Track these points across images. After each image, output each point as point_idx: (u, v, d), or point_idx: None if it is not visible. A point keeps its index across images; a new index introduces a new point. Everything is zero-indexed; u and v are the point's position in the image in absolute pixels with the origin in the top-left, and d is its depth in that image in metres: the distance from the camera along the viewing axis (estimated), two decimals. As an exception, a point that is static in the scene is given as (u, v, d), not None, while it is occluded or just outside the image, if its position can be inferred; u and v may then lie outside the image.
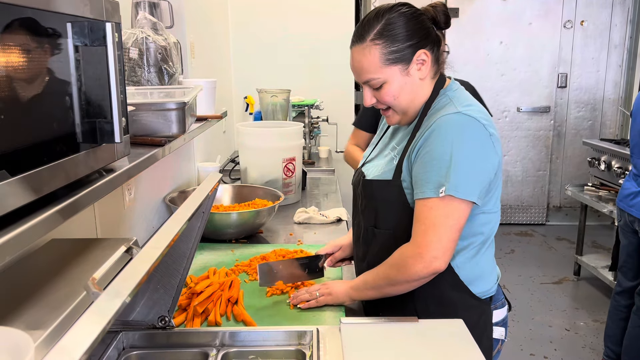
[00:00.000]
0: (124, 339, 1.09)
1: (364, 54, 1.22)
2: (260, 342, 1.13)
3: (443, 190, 1.15)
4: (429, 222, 1.17)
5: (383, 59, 1.21)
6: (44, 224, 0.70)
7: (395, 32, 1.21)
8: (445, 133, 1.17)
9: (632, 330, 2.68)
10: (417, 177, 1.20)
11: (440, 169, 1.16)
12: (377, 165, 1.35)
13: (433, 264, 1.17)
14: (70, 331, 0.47)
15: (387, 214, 1.30)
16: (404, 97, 1.25)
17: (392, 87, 1.24)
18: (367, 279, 1.30)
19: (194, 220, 1.00)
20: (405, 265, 1.19)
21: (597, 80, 5.04)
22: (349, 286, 1.34)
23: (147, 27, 1.73)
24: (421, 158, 1.20)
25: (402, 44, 1.21)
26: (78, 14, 0.82)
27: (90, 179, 0.89)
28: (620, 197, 2.75)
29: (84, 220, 1.36)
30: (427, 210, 1.17)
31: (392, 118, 1.31)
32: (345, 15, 3.71)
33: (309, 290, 1.39)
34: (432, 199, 1.16)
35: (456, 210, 1.16)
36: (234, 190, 2.21)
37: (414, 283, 1.21)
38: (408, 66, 1.23)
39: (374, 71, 1.22)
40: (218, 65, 3.21)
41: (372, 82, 1.24)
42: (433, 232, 1.16)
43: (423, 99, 1.28)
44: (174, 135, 1.34)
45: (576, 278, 4.00)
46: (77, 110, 0.84)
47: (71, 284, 0.89)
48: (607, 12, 4.91)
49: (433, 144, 1.18)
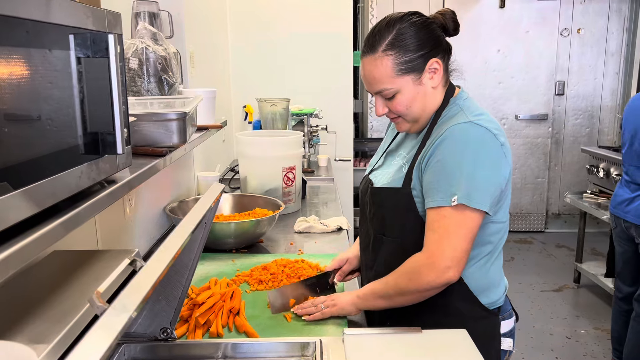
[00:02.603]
0: (125, 351, 1.08)
1: (375, 65, 1.23)
2: (262, 353, 1.12)
3: (455, 199, 1.14)
4: (442, 230, 1.15)
5: (395, 69, 1.22)
6: (46, 237, 0.70)
7: (407, 42, 1.21)
8: (457, 142, 1.17)
9: (633, 336, 2.68)
10: (428, 185, 1.19)
11: (452, 178, 1.15)
12: (385, 173, 1.35)
13: (446, 274, 1.15)
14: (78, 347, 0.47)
15: (395, 221, 1.29)
16: (416, 106, 1.26)
17: (405, 97, 1.24)
18: (375, 288, 1.27)
19: (196, 232, 0.99)
20: (417, 274, 1.17)
21: (594, 88, 5.07)
22: (355, 295, 1.31)
23: (147, 37, 1.73)
24: (432, 167, 1.19)
25: (414, 54, 1.22)
26: (80, 25, 0.82)
27: (92, 190, 0.89)
28: (614, 204, 2.77)
29: (85, 232, 1.35)
30: (440, 219, 1.16)
31: (402, 125, 1.31)
32: (343, 25, 3.73)
33: (314, 303, 1.36)
34: (444, 207, 1.15)
35: (469, 219, 1.15)
36: (234, 200, 2.21)
37: (426, 293, 1.19)
38: (420, 75, 1.23)
39: (387, 82, 1.23)
40: (217, 74, 3.21)
41: (385, 93, 1.25)
42: (447, 241, 1.15)
43: (435, 107, 1.28)
44: (175, 145, 1.33)
45: (576, 285, 4.00)
46: (80, 121, 0.84)
47: (74, 297, 0.88)
48: (603, 20, 4.94)
49: (444, 153, 1.17)
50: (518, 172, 5.16)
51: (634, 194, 2.63)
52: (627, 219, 2.67)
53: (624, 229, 2.72)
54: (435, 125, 1.26)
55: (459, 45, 1.33)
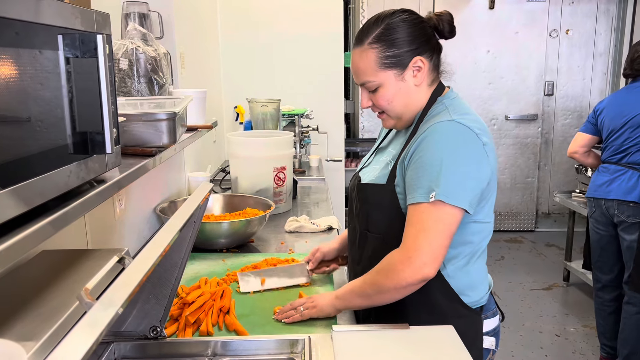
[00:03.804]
0: (115, 349, 1.09)
1: (361, 57, 1.25)
2: (252, 351, 1.13)
3: (433, 195, 1.14)
4: (420, 226, 1.15)
5: (379, 63, 1.24)
6: (35, 236, 0.70)
7: (393, 37, 1.23)
8: (438, 140, 1.18)
9: (628, 320, 2.74)
10: (410, 182, 1.20)
11: (431, 174, 1.16)
12: (372, 170, 1.37)
13: (423, 270, 1.14)
14: (63, 342, 0.47)
15: (379, 217, 1.30)
16: (398, 102, 1.27)
17: (387, 92, 1.26)
18: (353, 287, 1.27)
19: (185, 230, 1.00)
20: (393, 271, 1.16)
21: (582, 88, 5.12)
22: (334, 296, 1.31)
23: (137, 38, 1.73)
24: (414, 164, 1.20)
25: (398, 49, 1.23)
26: (69, 26, 0.83)
27: (81, 190, 0.89)
28: (593, 189, 2.88)
29: (74, 231, 1.35)
30: (418, 214, 1.16)
31: (387, 122, 1.34)
32: (334, 26, 3.74)
33: (294, 305, 1.36)
34: (423, 204, 1.15)
35: (447, 215, 1.15)
36: (224, 200, 2.21)
37: (403, 290, 1.18)
38: (403, 72, 1.25)
39: (370, 74, 1.25)
40: (208, 75, 3.21)
41: (368, 85, 1.27)
42: (424, 236, 1.14)
43: (419, 105, 1.29)
44: (165, 145, 1.34)
45: (565, 284, 4.04)
46: (69, 121, 0.85)
47: (63, 295, 0.88)
48: (591, 21, 4.99)
49: (424, 150, 1.18)
50: (508, 172, 5.20)
51: (613, 175, 2.77)
52: (609, 197, 2.77)
53: (604, 211, 2.81)
54: (421, 123, 1.27)
55: (449, 46, 1.35)
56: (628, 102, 2.77)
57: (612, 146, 2.81)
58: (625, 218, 2.73)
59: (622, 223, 2.74)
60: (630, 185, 2.70)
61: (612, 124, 2.80)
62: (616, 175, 2.76)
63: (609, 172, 2.80)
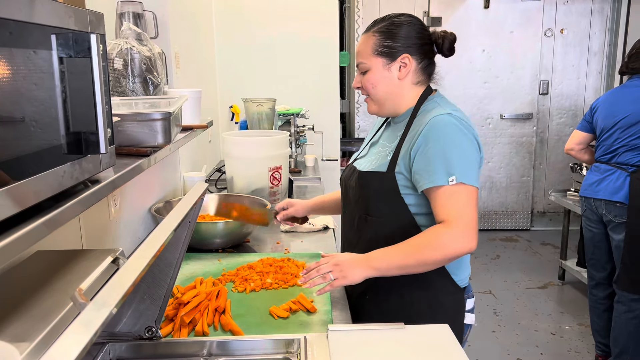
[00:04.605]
0: (110, 350, 1.08)
1: (363, 41, 1.43)
2: (247, 351, 1.13)
3: (454, 178, 1.28)
4: (459, 205, 1.28)
5: (374, 49, 1.40)
6: (29, 236, 0.70)
7: (392, 31, 1.40)
8: (444, 130, 1.32)
9: (618, 318, 2.76)
10: (422, 169, 1.32)
11: (445, 160, 1.29)
12: (369, 161, 1.48)
13: (471, 242, 1.27)
14: (56, 342, 0.47)
15: (378, 202, 1.41)
16: (380, 88, 1.42)
17: (373, 76, 1.41)
18: (391, 259, 1.30)
19: (180, 230, 1.00)
20: (443, 245, 1.27)
21: (577, 87, 5.13)
22: (368, 267, 1.30)
23: (131, 38, 1.73)
24: (424, 153, 1.32)
25: (392, 43, 1.39)
26: (62, 25, 0.83)
27: (75, 190, 0.89)
28: (584, 188, 2.90)
29: (69, 232, 1.35)
30: (448, 195, 1.29)
31: (370, 106, 1.47)
32: (330, 26, 3.74)
33: (320, 271, 1.31)
34: (444, 186, 1.28)
35: (472, 194, 1.30)
36: (220, 200, 2.21)
37: (446, 262, 1.32)
38: (390, 63, 1.40)
39: (364, 57, 1.42)
40: (203, 75, 3.21)
41: (360, 66, 1.43)
42: (468, 216, 1.28)
43: (403, 99, 1.44)
44: (160, 145, 1.34)
45: (561, 282, 4.05)
46: (62, 121, 0.84)
47: (57, 296, 0.88)
48: (586, 21, 5.01)
49: (432, 140, 1.31)
50: (503, 171, 5.21)
51: (603, 175, 2.78)
52: (597, 197, 2.79)
53: (594, 210, 2.83)
54: (415, 118, 1.41)
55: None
56: (620, 101, 2.77)
57: (603, 146, 2.82)
58: (612, 218, 2.74)
59: (610, 222, 2.76)
60: (617, 185, 2.71)
61: (604, 123, 2.81)
62: (605, 175, 2.77)
63: (600, 171, 2.81)
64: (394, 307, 1.42)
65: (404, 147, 1.37)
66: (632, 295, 2.68)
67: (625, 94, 2.77)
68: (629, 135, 2.70)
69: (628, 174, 2.68)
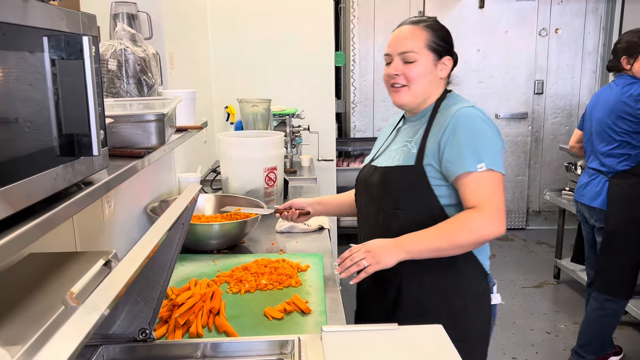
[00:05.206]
0: (104, 352, 1.08)
1: (413, 31, 1.47)
2: (241, 352, 1.13)
3: (483, 165, 1.35)
4: (489, 190, 1.35)
5: (426, 42, 1.45)
6: (21, 238, 0.70)
7: (441, 33, 1.48)
8: (471, 121, 1.39)
9: (590, 314, 2.83)
10: (452, 158, 1.38)
11: (474, 148, 1.36)
12: (390, 157, 1.52)
13: (502, 226, 1.35)
14: (47, 346, 0.47)
15: (408, 196, 1.45)
16: (423, 81, 1.46)
17: (420, 68, 1.45)
18: (424, 243, 1.36)
19: (173, 232, 1.00)
20: (476, 228, 1.33)
21: (572, 87, 5.15)
22: (400, 251, 1.35)
23: (125, 39, 1.73)
24: (454, 143, 1.38)
25: (442, 42, 1.48)
26: (54, 28, 0.83)
27: (68, 192, 0.89)
28: (575, 190, 2.93)
29: (62, 234, 1.35)
30: (481, 182, 1.35)
31: (402, 97, 1.49)
32: (325, 26, 3.74)
33: (353, 259, 1.36)
34: (473, 173, 1.35)
35: (500, 180, 1.38)
36: (215, 200, 2.21)
37: (479, 245, 1.39)
38: (438, 61, 1.48)
39: (416, 47, 1.45)
40: (198, 75, 3.20)
41: (408, 55, 1.45)
42: (497, 198, 1.35)
43: (432, 96, 1.50)
44: (154, 146, 1.33)
45: (556, 281, 4.06)
46: (55, 123, 0.84)
47: (49, 298, 0.88)
48: (580, 20, 5.02)
49: (462, 130, 1.38)
50: (499, 171, 5.22)
51: (589, 179, 2.79)
52: (582, 202, 2.81)
53: (582, 212, 2.87)
54: (437, 113, 1.47)
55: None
56: (598, 103, 2.76)
57: (587, 148, 2.84)
58: (594, 222, 2.78)
59: (594, 225, 2.80)
60: (597, 190, 2.72)
61: (587, 125, 2.83)
62: (591, 179, 2.78)
63: (588, 174, 2.82)
64: (429, 296, 1.47)
65: (430, 140, 1.43)
66: (606, 296, 2.74)
67: (605, 94, 2.74)
68: (600, 141, 2.70)
69: (607, 179, 2.68)
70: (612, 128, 2.63)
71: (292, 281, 1.60)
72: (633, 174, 2.62)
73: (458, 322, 1.42)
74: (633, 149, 2.61)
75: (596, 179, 2.74)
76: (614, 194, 2.64)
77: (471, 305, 1.48)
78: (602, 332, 2.80)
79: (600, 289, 2.77)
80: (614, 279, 2.73)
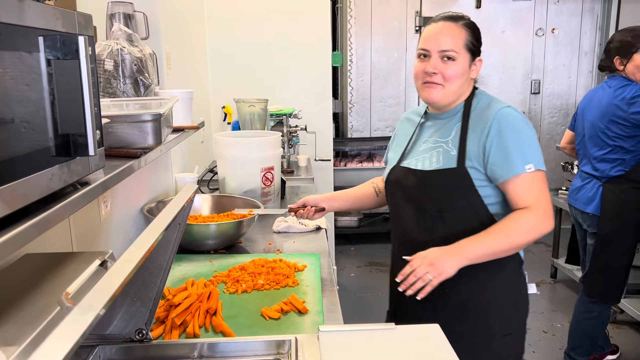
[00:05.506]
0: (100, 353, 1.08)
1: (454, 30, 1.46)
2: (238, 352, 1.13)
3: (531, 166, 1.38)
4: (538, 189, 1.39)
5: (465, 42, 1.45)
6: (17, 239, 0.70)
7: (475, 32, 1.49)
8: (513, 122, 1.41)
9: (577, 316, 2.84)
10: (499, 161, 1.39)
11: (521, 150, 1.39)
12: (426, 158, 1.50)
13: (552, 224, 1.40)
14: (42, 346, 0.47)
15: (452, 199, 1.45)
16: (459, 80, 1.46)
17: (458, 67, 1.45)
18: (486, 249, 1.38)
19: (169, 232, 1.00)
20: (532, 229, 1.38)
21: (569, 86, 5.16)
22: (459, 258, 1.36)
23: (122, 39, 1.73)
24: (500, 146, 1.39)
25: (477, 43, 1.49)
26: (50, 27, 0.82)
27: (64, 192, 0.89)
28: (569, 193, 2.90)
29: (59, 234, 1.34)
30: (528, 182, 1.38)
31: (437, 94, 1.47)
32: (322, 26, 3.74)
33: (417, 275, 1.34)
34: (523, 174, 1.38)
35: (545, 179, 1.42)
36: (212, 200, 2.21)
37: (531, 244, 1.41)
38: (473, 61, 1.48)
39: (456, 47, 1.44)
40: (195, 75, 3.20)
41: (448, 53, 1.44)
42: (546, 198, 1.40)
43: (462, 96, 1.50)
44: (150, 146, 1.33)
45: (553, 281, 4.07)
46: (50, 123, 0.84)
47: (46, 299, 0.88)
48: (577, 20, 5.04)
49: (507, 132, 1.39)
50: (496, 170, 5.23)
51: (582, 183, 2.72)
52: (576, 206, 2.78)
53: (575, 216, 2.85)
54: (471, 113, 1.47)
55: None
56: (590, 104, 2.67)
57: (580, 150, 2.77)
58: (586, 227, 2.74)
59: (586, 230, 2.77)
60: (590, 195, 2.66)
61: (578, 127, 2.76)
62: (584, 183, 2.71)
63: (581, 178, 2.76)
64: (473, 292, 1.48)
65: (471, 141, 1.43)
66: (593, 299, 2.76)
67: (597, 96, 2.65)
68: (592, 145, 2.63)
69: (601, 183, 2.62)
70: (605, 132, 2.56)
71: (289, 281, 1.60)
72: (626, 179, 2.57)
73: (504, 315, 1.49)
74: (626, 153, 2.54)
75: (589, 184, 2.68)
76: (608, 200, 2.59)
77: (517, 296, 1.53)
78: (590, 334, 2.80)
79: (589, 294, 2.75)
80: (604, 284, 2.72)
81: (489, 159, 1.40)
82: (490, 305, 1.48)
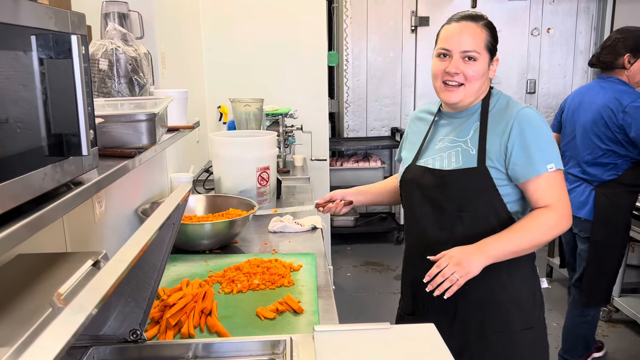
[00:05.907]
0: (94, 353, 1.07)
1: (475, 30, 1.47)
2: (233, 352, 1.13)
3: (552, 166, 1.41)
4: (558, 188, 1.42)
5: (486, 42, 1.47)
6: (9, 239, 0.69)
7: (493, 32, 1.50)
8: (534, 123, 1.43)
9: (570, 320, 2.85)
10: (521, 162, 1.41)
11: (542, 150, 1.41)
12: (444, 158, 1.51)
13: (570, 223, 1.44)
14: (33, 345, 0.47)
15: (473, 198, 1.46)
16: (479, 80, 1.47)
17: (480, 68, 1.46)
18: (510, 247, 1.41)
19: (163, 232, 0.99)
20: (553, 227, 1.41)
21: (564, 86, 5.18)
22: (485, 257, 1.38)
23: (116, 38, 1.72)
24: (522, 146, 1.41)
25: (495, 43, 1.50)
26: (42, 26, 0.82)
27: (57, 192, 0.88)
28: None
29: (52, 234, 1.34)
30: (551, 182, 1.41)
31: (457, 94, 1.48)
32: (318, 25, 3.74)
33: (444, 275, 1.36)
34: (544, 174, 1.40)
35: (563, 177, 1.45)
36: (207, 201, 2.20)
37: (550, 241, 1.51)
38: (491, 60, 1.50)
39: (478, 47, 1.46)
40: (190, 75, 3.19)
41: (470, 54, 1.45)
42: (565, 197, 1.43)
43: (482, 94, 1.51)
44: (145, 146, 1.33)
45: (548, 280, 4.08)
46: (43, 123, 0.83)
47: (38, 299, 0.87)
48: (572, 20, 5.05)
49: (528, 133, 1.41)
50: (492, 170, 5.24)
51: (571, 186, 2.65)
52: None
53: None
54: (489, 113, 1.49)
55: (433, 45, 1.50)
56: (582, 105, 2.60)
57: (567, 152, 2.69)
58: (577, 232, 2.69)
59: (577, 234, 2.73)
60: (582, 200, 2.60)
61: (567, 128, 2.69)
62: (573, 187, 2.65)
63: (568, 181, 2.66)
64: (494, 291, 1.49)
65: (491, 141, 1.44)
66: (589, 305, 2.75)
67: (589, 97, 2.58)
68: (584, 148, 2.57)
69: (593, 187, 2.57)
70: (598, 136, 2.51)
71: (284, 281, 1.60)
72: (619, 183, 2.53)
73: (525, 310, 1.52)
74: (619, 157, 2.51)
75: (579, 187, 2.62)
76: (601, 204, 2.55)
77: (534, 291, 1.55)
78: (584, 336, 2.82)
79: (587, 301, 2.72)
80: (599, 288, 2.70)
81: (511, 158, 1.42)
82: (510, 301, 1.50)
